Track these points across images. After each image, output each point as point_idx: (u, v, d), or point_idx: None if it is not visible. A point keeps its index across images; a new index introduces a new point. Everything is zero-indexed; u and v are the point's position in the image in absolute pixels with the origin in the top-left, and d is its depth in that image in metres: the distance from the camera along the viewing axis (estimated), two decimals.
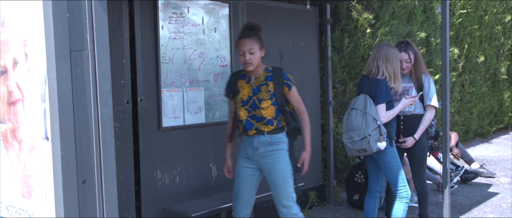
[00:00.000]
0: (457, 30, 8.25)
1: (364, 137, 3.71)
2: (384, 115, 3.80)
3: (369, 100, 3.80)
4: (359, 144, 3.75)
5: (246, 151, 3.36)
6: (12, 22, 2.18)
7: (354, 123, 3.79)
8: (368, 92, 3.84)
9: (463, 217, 4.96)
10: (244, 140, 3.38)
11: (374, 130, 3.71)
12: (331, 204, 5.38)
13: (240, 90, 3.33)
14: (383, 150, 3.82)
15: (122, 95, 3.55)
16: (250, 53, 3.22)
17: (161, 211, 3.81)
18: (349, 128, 3.84)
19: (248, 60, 3.22)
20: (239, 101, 3.32)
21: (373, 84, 3.84)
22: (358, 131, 3.75)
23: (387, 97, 3.83)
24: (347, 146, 3.85)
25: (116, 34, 3.48)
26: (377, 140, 3.72)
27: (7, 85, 2.25)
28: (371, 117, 3.73)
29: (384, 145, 3.75)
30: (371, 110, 3.75)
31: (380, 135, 3.72)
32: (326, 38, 5.31)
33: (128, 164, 3.61)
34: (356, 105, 3.84)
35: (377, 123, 3.71)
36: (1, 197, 2.38)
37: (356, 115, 3.80)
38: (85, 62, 1.98)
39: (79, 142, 1.98)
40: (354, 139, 3.77)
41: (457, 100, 8.59)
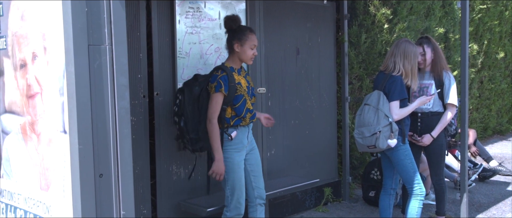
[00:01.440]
0: (477, 25, 8.12)
1: (374, 133, 3.69)
2: (397, 113, 3.76)
3: (382, 96, 3.77)
4: (369, 140, 3.73)
5: (243, 143, 3.40)
6: (32, 16, 2.20)
7: (365, 118, 3.78)
8: (382, 88, 3.81)
9: (481, 216, 4.90)
10: (241, 131, 3.38)
11: (385, 127, 3.68)
12: (346, 201, 5.35)
13: (240, 83, 3.36)
14: (396, 148, 3.78)
15: (138, 89, 3.56)
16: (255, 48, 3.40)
17: (176, 206, 3.82)
18: (360, 123, 3.82)
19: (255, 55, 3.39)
20: (245, 92, 3.35)
21: (388, 80, 3.80)
22: (369, 127, 3.73)
23: (401, 95, 3.78)
24: (358, 142, 3.84)
25: (133, 28, 3.50)
26: (387, 137, 3.69)
27: (26, 78, 2.27)
28: (383, 113, 3.70)
29: (395, 142, 3.72)
30: (384, 106, 3.73)
31: (391, 132, 3.69)
32: (343, 34, 5.27)
33: (144, 158, 3.63)
34: (369, 101, 3.82)
35: (388, 120, 3.68)
36: (20, 189, 2.41)
37: (368, 111, 3.78)
38: (103, 56, 1.99)
39: (97, 135, 2.00)
40: (364, 134, 3.75)
41: (476, 97, 8.47)
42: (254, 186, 3.52)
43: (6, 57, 2.41)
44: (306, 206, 5.01)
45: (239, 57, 3.37)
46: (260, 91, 4.40)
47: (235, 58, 3.39)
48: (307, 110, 4.92)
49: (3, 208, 2.56)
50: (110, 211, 2.05)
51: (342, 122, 5.35)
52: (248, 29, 3.38)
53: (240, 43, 3.32)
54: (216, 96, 3.25)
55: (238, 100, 3.33)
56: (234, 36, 3.35)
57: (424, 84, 4.14)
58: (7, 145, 2.48)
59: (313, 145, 5.00)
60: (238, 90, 3.31)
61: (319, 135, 5.05)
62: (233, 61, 3.39)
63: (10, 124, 2.43)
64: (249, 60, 3.37)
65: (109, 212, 2.05)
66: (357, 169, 5.84)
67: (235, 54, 3.36)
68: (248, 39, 3.32)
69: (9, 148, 2.46)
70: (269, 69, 4.50)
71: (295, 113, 4.79)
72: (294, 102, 4.77)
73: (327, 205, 5.19)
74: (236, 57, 3.38)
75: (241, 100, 3.34)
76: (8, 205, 2.51)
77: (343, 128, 5.33)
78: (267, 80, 4.47)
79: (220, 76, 3.27)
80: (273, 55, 4.54)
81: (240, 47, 3.33)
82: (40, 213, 2.27)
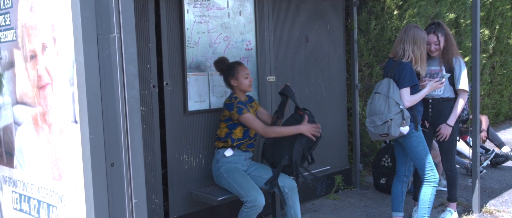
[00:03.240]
0: (488, 10, 8.02)
1: (385, 121, 3.67)
2: (408, 99, 3.73)
3: (392, 84, 3.74)
4: (381, 129, 3.71)
5: (237, 163, 3.73)
6: (41, 7, 2.21)
7: (376, 107, 3.76)
8: (392, 75, 3.78)
9: (493, 201, 4.87)
10: (238, 153, 3.74)
11: (396, 115, 3.66)
12: (357, 188, 5.35)
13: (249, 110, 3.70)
14: (408, 134, 3.76)
15: (148, 79, 3.57)
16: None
17: (187, 195, 3.85)
18: (372, 112, 3.81)
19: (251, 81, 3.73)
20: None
21: (398, 67, 3.77)
22: (380, 116, 3.71)
23: (412, 81, 3.75)
24: (370, 130, 3.83)
25: (142, 18, 3.50)
26: (399, 124, 3.67)
27: (36, 69, 2.28)
28: (393, 101, 3.68)
29: (407, 129, 3.69)
30: (394, 94, 3.70)
31: (403, 119, 3.66)
32: (353, 21, 5.23)
33: (155, 148, 3.65)
34: (380, 89, 3.79)
35: (399, 108, 3.66)
36: (33, 179, 2.44)
37: (379, 99, 3.76)
38: (112, 46, 1.99)
39: (107, 125, 2.01)
40: (376, 123, 3.73)
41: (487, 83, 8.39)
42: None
43: (16, 48, 2.42)
44: (317, 194, 5.02)
45: (239, 89, 3.72)
46: (269, 79, 4.39)
47: (237, 91, 3.73)
48: (317, 98, 4.90)
49: (16, 198, 2.59)
50: (122, 200, 2.07)
51: (352, 110, 5.33)
52: (236, 64, 3.73)
53: (234, 77, 3.68)
54: (245, 117, 3.61)
55: (245, 125, 3.69)
56: (227, 74, 3.72)
57: (434, 71, 4.11)
58: (20, 136, 2.50)
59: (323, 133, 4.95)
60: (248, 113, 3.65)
61: (329, 123, 5.04)
62: (238, 94, 3.74)
63: (22, 115, 2.46)
64: (247, 87, 3.72)
65: (121, 201, 2.06)
66: (368, 157, 5.83)
67: (235, 88, 3.72)
68: (239, 71, 3.67)
69: (22, 139, 2.49)
70: (278, 57, 4.48)
71: (305, 101, 4.77)
72: (303, 90, 4.75)
73: (338, 193, 5.19)
74: (237, 90, 3.73)
75: (246, 127, 3.71)
76: (22, 195, 2.54)
77: (354, 115, 5.31)
78: (276, 68, 4.46)
79: (236, 102, 3.64)
80: (282, 43, 4.52)
81: (236, 81, 3.69)
82: (53, 202, 2.29)
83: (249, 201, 3.48)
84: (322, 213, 4.62)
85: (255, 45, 4.26)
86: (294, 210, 3.67)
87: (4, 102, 2.59)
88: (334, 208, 4.74)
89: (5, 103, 2.58)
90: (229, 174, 3.65)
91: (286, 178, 3.72)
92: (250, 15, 4.21)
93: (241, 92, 3.75)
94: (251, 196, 3.47)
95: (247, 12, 4.19)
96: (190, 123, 3.86)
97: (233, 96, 3.72)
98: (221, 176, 3.69)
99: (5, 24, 2.48)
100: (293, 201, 3.66)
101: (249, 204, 3.48)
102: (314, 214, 4.59)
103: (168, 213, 3.80)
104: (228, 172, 3.66)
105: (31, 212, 2.48)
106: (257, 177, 3.73)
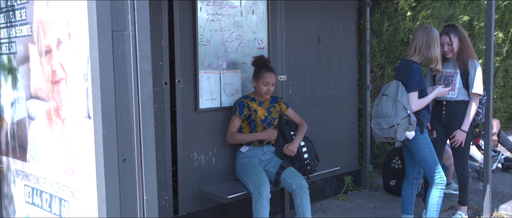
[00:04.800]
0: (502, 13, 7.94)
1: (392, 125, 3.64)
2: (416, 103, 3.71)
3: (401, 87, 3.71)
4: (386, 132, 3.69)
5: (253, 157, 3.91)
6: (56, 2, 2.22)
7: (383, 109, 3.73)
8: (401, 78, 3.75)
9: (504, 206, 4.83)
10: (252, 149, 3.92)
11: (403, 119, 3.63)
12: (366, 189, 5.33)
13: (257, 111, 3.88)
14: (414, 138, 3.74)
15: (160, 76, 3.59)
16: (272, 85, 3.82)
17: (197, 192, 3.86)
18: (378, 114, 3.79)
19: (271, 91, 3.84)
20: (258, 120, 3.86)
21: (407, 70, 3.73)
22: (387, 119, 3.68)
23: (420, 85, 3.72)
24: (375, 132, 3.81)
25: (155, 15, 3.51)
26: (405, 129, 3.65)
27: (51, 64, 2.30)
28: (401, 105, 3.65)
29: (413, 134, 3.68)
30: (402, 98, 3.67)
31: (409, 124, 3.64)
32: (365, 21, 5.21)
33: (166, 145, 3.67)
34: (388, 91, 3.76)
35: (407, 112, 3.63)
36: (46, 173, 2.46)
37: (386, 102, 3.73)
38: (126, 42, 2.00)
39: (120, 121, 2.02)
40: (382, 126, 3.71)
41: (500, 86, 8.32)
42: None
43: (31, 43, 2.45)
44: (326, 194, 5.01)
45: (257, 91, 3.87)
46: (281, 79, 4.39)
47: (256, 92, 3.90)
48: (328, 98, 4.89)
49: (29, 191, 2.62)
50: (133, 195, 2.08)
51: (363, 111, 5.31)
52: (264, 68, 3.82)
53: (256, 79, 3.84)
54: (232, 118, 3.85)
55: (251, 123, 3.87)
56: (254, 74, 3.87)
57: (449, 73, 4.08)
58: (33, 130, 2.52)
59: (333, 133, 4.98)
60: (252, 116, 3.84)
61: (340, 123, 5.03)
62: (256, 93, 3.91)
63: (36, 110, 2.48)
64: (264, 94, 3.85)
65: (132, 197, 2.07)
66: (378, 158, 5.81)
67: (255, 88, 3.89)
68: (262, 77, 3.80)
69: (35, 133, 2.51)
70: (290, 56, 4.48)
71: (316, 101, 4.77)
72: (315, 90, 4.75)
73: (347, 194, 5.17)
74: (256, 91, 3.89)
75: (253, 123, 3.86)
76: (34, 188, 2.56)
77: (364, 116, 5.29)
78: (288, 67, 4.45)
79: (238, 101, 3.87)
80: (294, 43, 4.52)
81: (256, 83, 3.84)
82: (65, 197, 2.31)
83: (253, 193, 3.55)
84: (331, 213, 4.61)
85: (267, 44, 4.26)
86: (302, 209, 3.66)
87: (19, 96, 2.61)
88: (343, 209, 4.73)
89: (20, 97, 2.61)
90: (243, 168, 3.82)
91: (296, 176, 3.73)
92: (262, 14, 4.21)
93: (259, 94, 3.88)
94: (254, 185, 3.57)
95: (259, 11, 4.19)
96: (201, 121, 3.87)
97: (247, 95, 3.92)
98: (237, 171, 3.90)
99: (21, 19, 2.50)
100: (301, 200, 3.66)
101: (254, 197, 3.53)
102: (323, 214, 4.58)
103: (177, 210, 3.82)
104: (242, 166, 3.83)
105: (43, 206, 2.50)
106: (271, 172, 3.82)
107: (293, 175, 3.73)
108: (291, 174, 3.74)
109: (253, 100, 3.90)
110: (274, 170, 3.82)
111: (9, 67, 2.67)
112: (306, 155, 3.95)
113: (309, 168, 3.96)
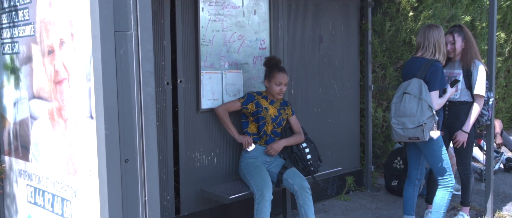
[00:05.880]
0: (505, 13, 7.93)
1: (419, 125, 3.54)
2: (437, 103, 3.66)
3: (424, 86, 3.62)
4: (412, 132, 3.59)
5: (258, 158, 3.88)
6: (59, 2, 2.23)
7: (407, 108, 3.62)
8: (423, 76, 3.66)
9: (507, 206, 4.83)
10: (257, 148, 3.90)
11: (429, 118, 3.55)
12: (368, 190, 5.33)
13: (268, 108, 3.87)
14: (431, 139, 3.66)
15: (162, 76, 3.59)
16: (285, 85, 3.83)
17: (199, 192, 3.86)
18: (401, 113, 3.65)
19: (283, 91, 3.84)
20: (269, 118, 3.86)
21: (429, 69, 3.66)
22: (412, 118, 3.58)
23: (442, 84, 3.68)
24: (397, 132, 3.67)
25: (157, 16, 3.52)
26: (431, 128, 3.57)
27: (53, 64, 2.31)
28: (426, 104, 3.56)
29: (438, 134, 3.60)
30: (427, 96, 3.59)
31: (434, 123, 3.59)
32: (367, 22, 5.21)
33: (168, 145, 3.67)
34: (409, 89, 3.65)
35: (432, 111, 3.56)
36: (48, 173, 2.46)
37: (410, 101, 3.62)
38: (129, 42, 2.01)
39: (123, 121, 2.02)
40: (406, 125, 3.60)
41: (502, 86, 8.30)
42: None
43: (34, 43, 2.45)
44: (328, 195, 5.01)
45: (269, 91, 3.87)
46: None
47: (268, 92, 3.91)
48: (330, 99, 4.89)
49: (31, 191, 2.62)
50: (135, 195, 2.08)
51: (365, 111, 5.31)
52: (276, 69, 3.82)
53: (268, 80, 3.85)
54: (236, 100, 3.85)
55: (259, 121, 3.85)
56: (266, 74, 3.88)
57: (453, 74, 4.07)
58: (36, 130, 2.53)
59: (335, 134, 4.98)
60: (262, 112, 3.84)
61: (341, 123, 5.03)
62: (268, 92, 3.92)
63: (38, 110, 2.48)
64: (276, 94, 3.86)
65: (134, 197, 2.08)
66: (380, 158, 5.80)
67: (267, 88, 3.89)
68: (274, 77, 3.80)
69: (37, 133, 2.52)
70: (292, 56, 4.48)
71: (317, 102, 4.77)
72: (317, 90, 4.75)
73: (349, 194, 5.17)
74: (268, 91, 3.89)
75: (262, 121, 3.85)
76: (37, 188, 2.57)
77: (366, 116, 5.29)
78: (290, 68, 4.45)
79: (249, 93, 3.89)
80: (296, 43, 4.52)
81: (268, 83, 3.85)
82: (68, 196, 2.31)
83: (256, 194, 3.56)
84: (332, 213, 4.61)
85: (269, 45, 4.26)
86: (305, 209, 3.66)
87: (21, 96, 2.62)
88: (345, 209, 4.73)
89: (22, 97, 2.61)
90: (246, 168, 3.80)
91: (298, 176, 3.73)
92: (264, 14, 4.21)
93: (271, 94, 3.90)
94: (258, 187, 3.57)
95: (261, 11, 4.19)
96: (203, 121, 3.87)
97: (260, 92, 3.96)
98: (240, 170, 3.88)
99: (23, 19, 2.51)
100: (303, 200, 3.66)
101: (257, 199, 3.54)
102: (325, 215, 4.58)
103: (179, 210, 3.82)
104: (246, 166, 3.81)
105: (45, 206, 2.51)
106: (274, 172, 3.83)
107: (295, 176, 3.73)
108: (293, 175, 3.74)
109: (265, 98, 3.91)
110: (277, 170, 3.83)
111: (12, 67, 2.67)
112: (309, 156, 3.95)
113: (313, 168, 3.96)
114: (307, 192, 3.68)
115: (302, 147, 3.96)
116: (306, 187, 3.68)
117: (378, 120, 5.59)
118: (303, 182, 3.69)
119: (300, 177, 3.73)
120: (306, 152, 3.95)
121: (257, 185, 3.60)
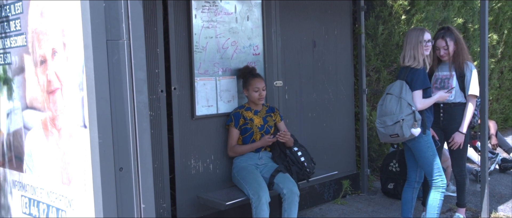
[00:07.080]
0: (496, 15, 7.99)
1: (397, 121, 3.64)
2: (421, 102, 3.72)
3: (405, 86, 3.72)
4: (391, 129, 3.69)
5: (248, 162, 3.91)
6: (51, 12, 2.23)
7: (388, 107, 3.74)
8: (405, 78, 3.77)
9: (502, 207, 4.84)
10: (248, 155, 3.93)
11: (408, 115, 3.63)
12: (365, 193, 5.33)
13: (253, 119, 3.92)
14: (417, 139, 3.75)
15: (156, 84, 3.59)
16: (263, 90, 3.86)
17: (195, 199, 3.85)
18: (382, 113, 3.78)
19: (263, 96, 3.87)
20: (256, 128, 3.90)
21: (410, 71, 3.76)
22: (391, 116, 3.69)
23: (424, 84, 3.74)
24: (380, 131, 3.79)
25: (150, 23, 3.52)
26: (411, 125, 3.64)
27: (46, 74, 2.30)
28: (405, 102, 3.66)
29: (418, 131, 3.67)
30: (406, 95, 3.69)
31: (414, 121, 3.64)
32: (360, 25, 5.23)
33: (163, 153, 3.66)
34: (392, 90, 3.78)
35: (411, 109, 3.64)
36: (43, 183, 2.45)
37: (390, 100, 3.74)
38: (121, 51, 2.01)
39: (116, 130, 2.02)
40: (386, 123, 3.71)
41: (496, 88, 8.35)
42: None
43: (26, 53, 2.45)
44: (324, 199, 5.01)
45: (250, 100, 3.92)
46: (277, 84, 4.39)
47: (250, 101, 3.95)
48: (325, 103, 4.90)
49: (26, 202, 2.61)
50: (131, 204, 2.08)
51: (359, 115, 5.32)
52: (251, 76, 3.89)
53: (246, 88, 3.91)
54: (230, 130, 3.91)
55: (245, 132, 3.90)
56: (243, 84, 3.95)
57: (445, 76, 4.09)
58: (29, 141, 2.52)
59: (331, 138, 4.98)
60: (249, 124, 3.89)
61: (337, 127, 5.03)
62: (250, 102, 3.96)
63: (32, 120, 2.48)
64: (256, 100, 3.89)
65: (129, 206, 2.07)
66: (376, 162, 5.81)
67: (247, 97, 3.94)
68: (250, 85, 3.86)
69: (31, 143, 2.51)
70: (285, 62, 4.49)
71: (312, 106, 4.77)
72: (311, 95, 4.75)
73: (346, 198, 5.17)
74: (249, 100, 3.94)
75: (249, 132, 3.90)
76: (31, 199, 2.56)
77: (361, 120, 5.30)
78: (284, 73, 4.46)
79: (234, 112, 3.93)
80: (290, 48, 4.53)
81: (247, 92, 3.90)
82: (62, 206, 2.30)
83: (252, 198, 3.55)
84: None
85: (263, 50, 4.27)
86: (288, 214, 3.66)
87: (14, 106, 2.61)
88: (342, 213, 4.73)
89: (15, 108, 2.60)
90: (240, 173, 3.82)
91: (289, 181, 3.72)
92: (257, 20, 4.22)
93: (253, 102, 3.93)
94: (253, 190, 3.57)
95: (254, 17, 4.20)
96: (198, 128, 3.87)
97: (242, 105, 3.99)
98: (234, 177, 3.89)
99: (15, 29, 2.51)
100: (289, 205, 3.65)
101: (254, 202, 3.53)
102: None
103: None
104: (239, 172, 3.83)
105: (40, 216, 2.49)
106: (266, 178, 3.83)
107: (286, 180, 3.72)
108: (284, 179, 3.73)
109: (248, 110, 3.94)
110: (268, 174, 3.82)
111: (4, 77, 2.66)
112: (302, 159, 3.96)
113: (308, 170, 3.96)
114: (295, 198, 3.66)
115: (294, 151, 3.97)
116: (295, 193, 3.67)
117: (373, 123, 5.60)
118: (293, 187, 3.69)
119: (291, 182, 3.73)
120: (299, 155, 3.96)
121: (253, 189, 3.59)
